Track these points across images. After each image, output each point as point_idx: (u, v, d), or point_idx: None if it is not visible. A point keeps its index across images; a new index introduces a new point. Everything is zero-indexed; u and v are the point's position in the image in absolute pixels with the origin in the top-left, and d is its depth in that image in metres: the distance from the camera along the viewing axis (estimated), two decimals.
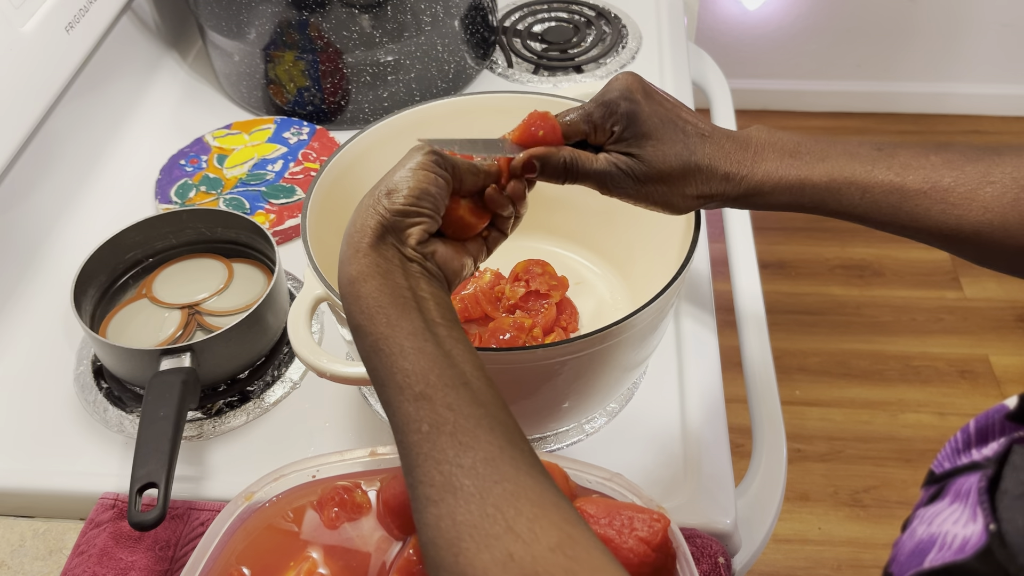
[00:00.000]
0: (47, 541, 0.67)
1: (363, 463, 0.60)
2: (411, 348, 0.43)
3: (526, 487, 0.39)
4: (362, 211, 0.48)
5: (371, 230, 0.47)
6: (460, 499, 0.38)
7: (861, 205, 0.54)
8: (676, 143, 0.56)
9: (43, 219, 0.89)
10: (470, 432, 0.40)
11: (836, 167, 0.54)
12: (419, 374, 0.42)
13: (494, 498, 0.38)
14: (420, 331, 0.44)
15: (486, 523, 0.37)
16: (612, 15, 1.17)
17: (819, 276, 2.00)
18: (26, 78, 0.81)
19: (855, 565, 1.52)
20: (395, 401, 0.42)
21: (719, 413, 0.72)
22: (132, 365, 0.70)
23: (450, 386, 0.42)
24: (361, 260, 0.46)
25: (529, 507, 0.38)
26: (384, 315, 0.44)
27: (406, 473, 0.41)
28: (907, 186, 0.53)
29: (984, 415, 0.36)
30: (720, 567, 0.62)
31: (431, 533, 0.38)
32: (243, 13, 0.95)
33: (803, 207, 0.56)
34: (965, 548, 0.32)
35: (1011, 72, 2.33)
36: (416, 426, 0.41)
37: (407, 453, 0.41)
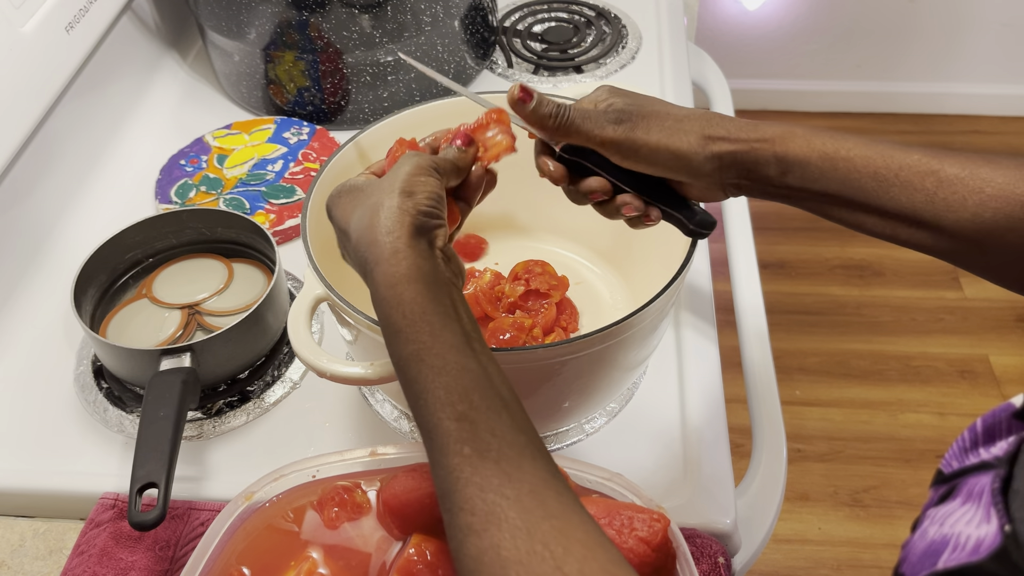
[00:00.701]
0: (47, 541, 0.67)
1: (363, 463, 0.60)
2: (455, 363, 0.42)
3: (573, 525, 0.37)
4: (386, 211, 0.47)
5: (406, 229, 0.46)
6: (506, 532, 0.37)
7: (896, 185, 0.50)
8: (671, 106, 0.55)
9: (43, 219, 0.89)
10: (514, 461, 0.39)
11: (869, 142, 0.52)
12: (462, 392, 0.41)
13: (542, 534, 0.36)
14: (462, 345, 0.43)
15: (534, 561, 0.36)
16: (612, 15, 1.17)
17: (819, 276, 2.00)
18: (26, 78, 0.81)
19: (855, 565, 1.52)
20: (434, 417, 0.41)
21: (719, 413, 0.72)
22: (132, 365, 0.70)
23: (492, 409, 0.41)
24: (402, 261, 0.45)
25: (579, 547, 0.36)
26: (428, 323, 0.43)
27: (442, 496, 0.40)
28: (945, 170, 0.50)
29: (991, 414, 0.36)
30: (720, 567, 0.62)
31: (472, 565, 0.37)
32: (243, 13, 0.95)
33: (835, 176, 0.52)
34: (980, 549, 0.32)
35: (1011, 72, 2.33)
36: (458, 447, 0.40)
37: (445, 475, 0.40)
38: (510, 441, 0.40)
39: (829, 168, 0.52)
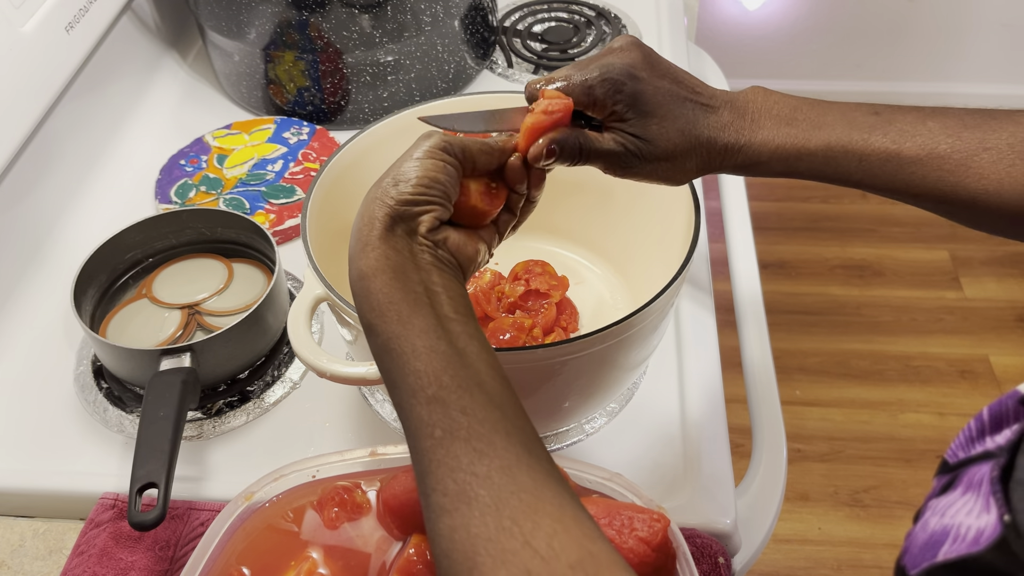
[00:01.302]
0: (47, 541, 0.67)
1: (363, 463, 0.60)
2: (423, 347, 0.41)
3: (545, 499, 0.37)
4: (369, 203, 0.46)
5: (379, 221, 0.45)
6: (475, 510, 0.37)
7: (858, 172, 0.54)
8: (679, 119, 0.55)
9: (43, 219, 0.89)
10: (485, 438, 0.39)
11: (833, 135, 0.54)
12: (432, 375, 0.41)
13: (511, 510, 0.36)
14: (433, 328, 0.42)
15: (503, 537, 0.35)
16: (612, 15, 1.17)
17: (819, 276, 2.00)
18: (26, 78, 0.81)
19: (855, 565, 1.52)
20: (407, 404, 0.41)
21: (719, 413, 0.72)
22: (132, 365, 0.70)
23: (464, 388, 0.40)
24: (370, 254, 0.44)
25: (548, 521, 0.36)
26: (395, 312, 0.43)
27: (419, 480, 0.40)
28: (903, 153, 0.52)
29: (998, 402, 0.36)
30: (720, 567, 0.62)
31: (445, 545, 0.37)
32: (243, 13, 0.95)
33: (800, 174, 0.56)
34: (980, 540, 0.31)
35: (1011, 72, 2.33)
36: (429, 431, 0.40)
37: (420, 459, 0.40)
38: (482, 418, 0.39)
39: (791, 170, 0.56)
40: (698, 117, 0.55)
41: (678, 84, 0.55)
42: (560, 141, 0.52)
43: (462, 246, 0.48)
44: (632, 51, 0.54)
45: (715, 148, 0.55)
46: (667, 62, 0.57)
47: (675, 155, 0.55)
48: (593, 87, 0.53)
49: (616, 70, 0.53)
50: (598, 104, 0.53)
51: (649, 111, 0.54)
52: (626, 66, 0.53)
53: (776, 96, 0.56)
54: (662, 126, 0.54)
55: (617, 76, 0.53)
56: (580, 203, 0.78)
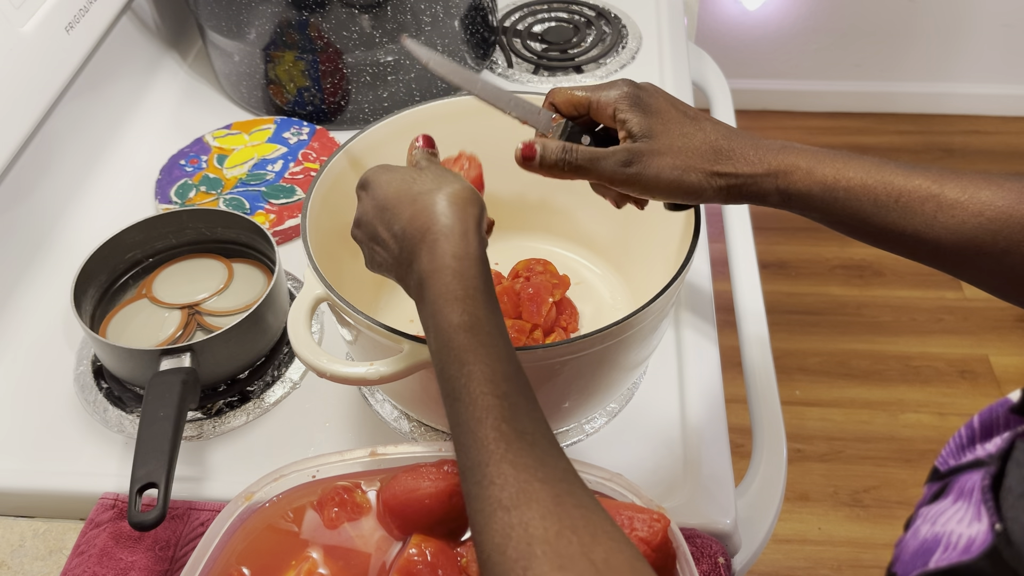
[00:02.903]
0: (47, 541, 0.67)
1: (363, 463, 0.60)
2: (503, 346, 0.43)
3: (600, 518, 0.38)
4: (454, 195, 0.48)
5: (474, 217, 0.48)
6: (536, 512, 0.37)
7: (896, 210, 0.51)
8: (687, 124, 0.55)
9: (43, 219, 0.89)
10: (547, 450, 0.40)
11: (872, 167, 0.52)
12: (506, 374, 0.42)
13: (571, 520, 0.37)
14: (507, 334, 0.44)
15: (561, 543, 0.36)
16: (612, 15, 1.17)
17: (819, 276, 2.00)
18: (26, 78, 0.81)
19: (855, 565, 1.52)
20: (477, 388, 0.42)
21: (719, 413, 0.72)
22: (132, 365, 0.70)
23: (529, 399, 0.42)
24: (472, 241, 0.47)
25: (606, 539, 0.37)
26: (484, 303, 0.45)
27: (472, 467, 0.40)
28: (945, 194, 0.50)
29: (988, 409, 0.36)
30: (720, 567, 0.62)
31: (499, 540, 0.37)
32: (243, 13, 0.95)
33: (835, 204, 0.53)
34: (971, 548, 0.31)
35: (1011, 72, 2.33)
36: (496, 423, 0.40)
37: (478, 447, 0.40)
38: (544, 432, 0.41)
39: (830, 198, 0.53)
40: (714, 127, 0.55)
41: (690, 108, 0.57)
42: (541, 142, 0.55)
43: None
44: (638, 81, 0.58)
45: (734, 155, 0.54)
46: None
47: (680, 151, 0.54)
48: (599, 89, 0.56)
49: (621, 81, 0.57)
50: (603, 102, 0.56)
51: (652, 112, 0.55)
52: (629, 81, 0.57)
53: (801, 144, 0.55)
54: (666, 125, 0.55)
55: (621, 82, 0.56)
56: (581, 203, 0.78)
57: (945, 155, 2.29)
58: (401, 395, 0.69)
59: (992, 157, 2.29)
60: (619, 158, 0.54)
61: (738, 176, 0.54)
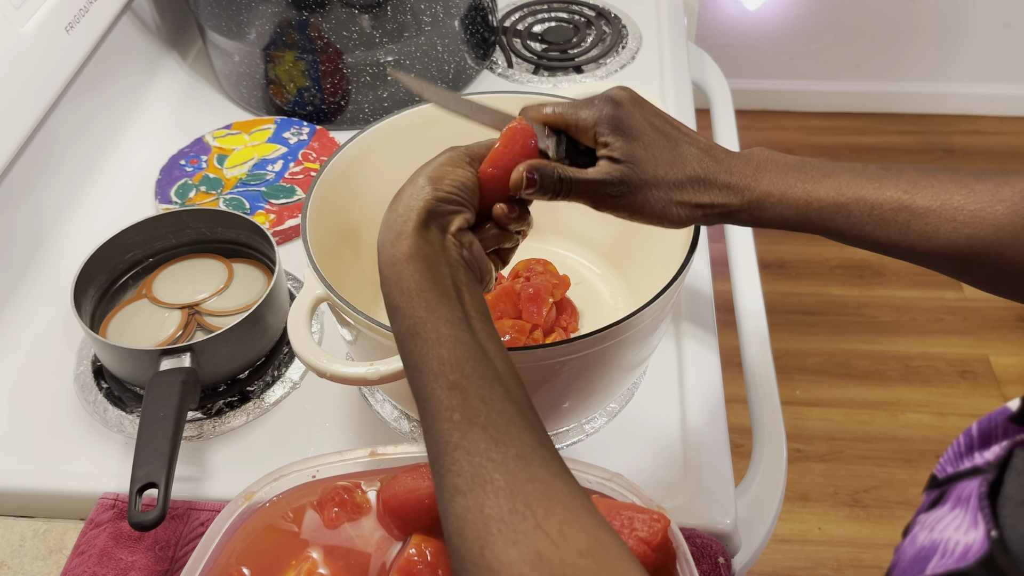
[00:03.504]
0: (47, 541, 0.67)
1: (363, 463, 0.60)
2: (448, 336, 0.43)
3: (557, 488, 0.38)
4: (404, 198, 0.48)
5: (416, 213, 0.47)
6: (490, 492, 0.38)
7: (869, 223, 0.53)
8: (667, 151, 0.55)
9: (43, 219, 0.89)
10: (503, 428, 0.40)
11: (843, 183, 0.53)
12: (454, 363, 0.42)
13: (524, 495, 0.38)
14: (458, 320, 0.44)
15: (515, 519, 0.37)
16: (612, 15, 1.17)
17: (819, 276, 2.00)
18: (26, 78, 0.81)
19: (855, 565, 1.52)
20: (428, 387, 0.42)
21: (719, 413, 0.72)
22: (132, 365, 0.70)
23: (484, 379, 0.42)
24: (404, 242, 0.46)
25: (560, 509, 0.37)
26: (424, 299, 0.44)
27: (433, 461, 0.41)
28: (916, 203, 0.51)
29: (987, 418, 0.36)
30: (720, 567, 0.62)
31: (457, 524, 0.38)
32: (243, 13, 0.95)
33: (808, 224, 0.55)
34: (967, 556, 0.31)
35: (1011, 72, 2.33)
36: (448, 414, 0.41)
37: (436, 440, 0.41)
38: (500, 409, 0.41)
39: (803, 219, 0.55)
40: (692, 154, 0.56)
41: (669, 123, 0.56)
42: (539, 169, 0.53)
43: (481, 256, 0.51)
44: (618, 90, 0.56)
45: (715, 185, 0.55)
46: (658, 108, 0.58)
47: (664, 183, 0.55)
48: (578, 109, 0.55)
49: (599, 98, 0.56)
50: (581, 126, 0.55)
51: (633, 136, 0.55)
52: (609, 96, 0.56)
53: (780, 152, 0.56)
54: (649, 151, 0.55)
55: (599, 102, 0.55)
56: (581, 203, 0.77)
57: (945, 155, 2.29)
58: (401, 395, 0.69)
59: (992, 157, 2.29)
60: (610, 190, 0.55)
61: (715, 207, 0.56)
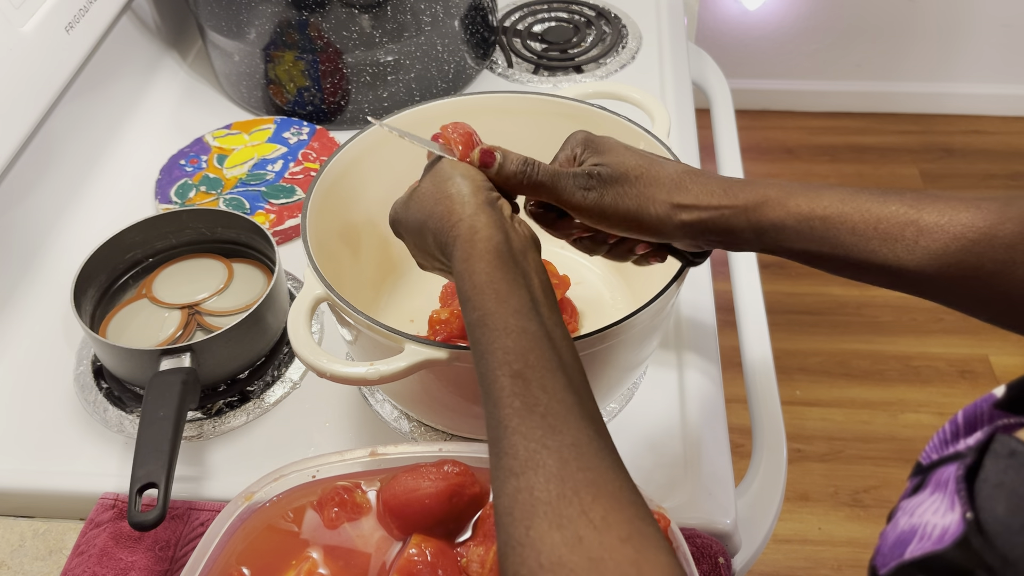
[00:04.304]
0: (47, 541, 0.67)
1: (363, 463, 0.60)
2: (515, 326, 0.45)
3: (607, 479, 0.40)
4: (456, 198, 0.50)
5: (480, 207, 0.50)
6: (540, 476, 0.39)
7: (875, 238, 0.50)
8: (645, 160, 0.55)
9: (43, 219, 0.89)
10: (561, 416, 0.42)
11: (847, 195, 0.51)
12: (519, 352, 0.44)
13: (574, 482, 0.39)
14: (527, 310, 0.46)
15: (562, 504, 0.38)
16: (612, 15, 1.17)
17: (819, 276, 1.99)
18: (26, 78, 0.81)
19: (855, 565, 1.52)
20: (492, 374, 0.44)
21: (719, 413, 0.72)
22: (132, 365, 0.70)
23: (547, 368, 0.43)
24: (476, 235, 0.48)
25: (606, 498, 0.39)
26: (494, 290, 0.46)
27: (491, 444, 0.43)
28: (924, 219, 0.49)
29: (973, 405, 0.36)
30: (720, 567, 0.62)
31: (507, 503, 0.40)
32: (243, 13, 0.95)
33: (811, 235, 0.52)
34: (944, 538, 0.32)
35: (1011, 72, 2.33)
36: (509, 400, 0.42)
37: (496, 424, 0.43)
38: (560, 399, 0.42)
39: (806, 229, 0.52)
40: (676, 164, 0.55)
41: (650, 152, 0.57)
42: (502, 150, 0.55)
43: (530, 228, 0.52)
44: None
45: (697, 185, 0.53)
46: None
47: (639, 180, 0.54)
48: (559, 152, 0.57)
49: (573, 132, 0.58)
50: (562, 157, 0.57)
51: (607, 150, 0.56)
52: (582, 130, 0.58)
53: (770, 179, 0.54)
54: (624, 159, 0.55)
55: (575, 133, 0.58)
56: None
57: (945, 155, 2.29)
58: (401, 395, 0.69)
59: (992, 157, 2.29)
60: (580, 182, 0.54)
61: (702, 208, 0.53)
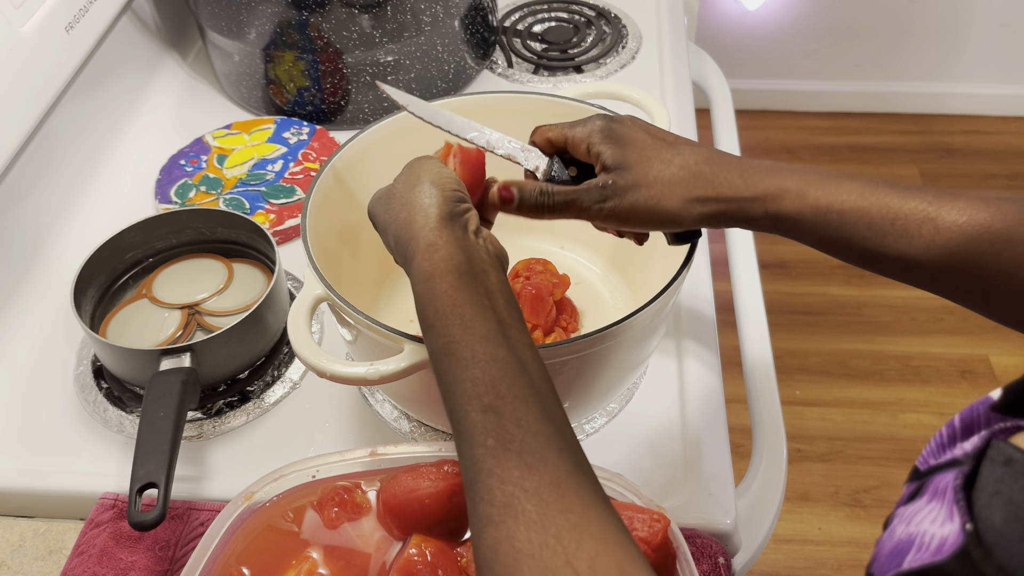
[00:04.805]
0: (47, 541, 0.67)
1: (363, 463, 0.60)
2: (483, 355, 0.42)
3: (590, 520, 0.37)
4: (418, 205, 0.48)
5: (440, 220, 0.47)
6: (521, 524, 0.37)
7: (892, 234, 0.49)
8: (663, 150, 0.53)
9: (43, 219, 0.89)
10: (538, 452, 0.39)
11: (867, 189, 0.50)
12: (489, 383, 0.41)
13: (556, 528, 0.36)
14: (493, 334, 0.43)
15: (546, 554, 0.36)
16: (612, 15, 1.17)
17: (819, 276, 2.00)
18: (26, 78, 0.81)
19: (855, 565, 1.52)
20: (462, 409, 0.41)
21: (719, 413, 0.72)
22: (132, 365, 0.70)
23: (520, 399, 0.41)
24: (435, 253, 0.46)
25: (592, 543, 0.36)
26: (458, 315, 0.43)
27: (467, 487, 0.40)
28: (943, 217, 0.48)
29: (969, 408, 0.36)
30: (720, 567, 0.62)
31: (488, 555, 0.37)
32: (243, 13, 0.95)
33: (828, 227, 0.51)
34: (943, 549, 0.31)
35: (1011, 72, 2.33)
36: (482, 439, 0.40)
37: (470, 466, 0.40)
38: (536, 431, 0.40)
39: (823, 221, 0.51)
40: (695, 152, 0.54)
41: (671, 134, 0.55)
42: (519, 185, 0.55)
43: (500, 248, 0.50)
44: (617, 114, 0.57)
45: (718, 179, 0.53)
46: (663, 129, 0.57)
47: (655, 181, 0.53)
48: (574, 126, 0.56)
49: (596, 115, 0.57)
50: (575, 140, 0.56)
51: (626, 143, 0.54)
52: (605, 113, 0.57)
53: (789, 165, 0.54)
54: (641, 154, 0.54)
55: (594, 117, 0.57)
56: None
57: (945, 155, 2.29)
58: (401, 395, 0.69)
59: (992, 157, 2.29)
60: (593, 196, 0.54)
61: (720, 200, 0.53)
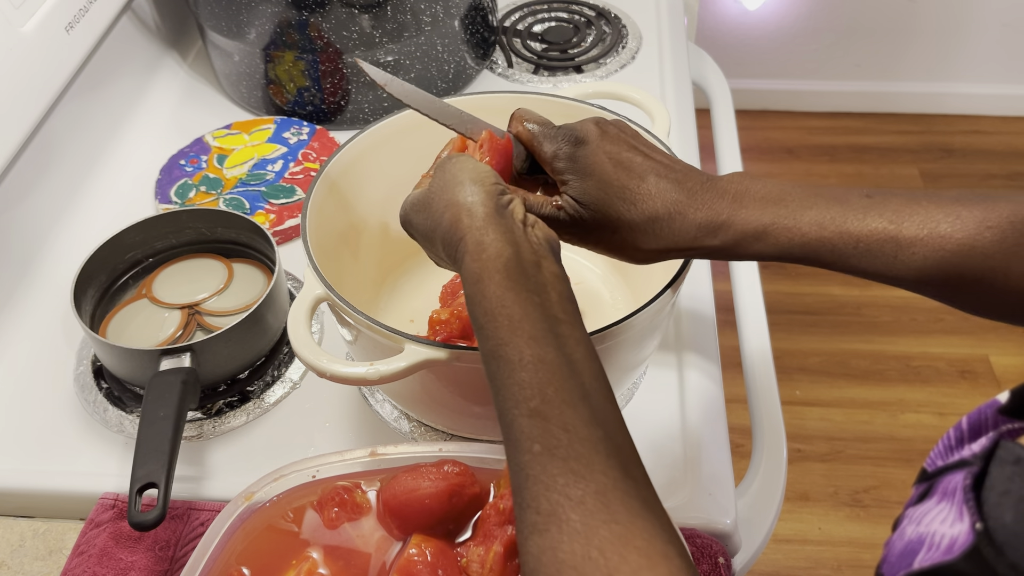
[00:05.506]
0: (47, 541, 0.67)
1: (363, 463, 0.60)
2: (531, 357, 0.41)
3: (635, 531, 0.37)
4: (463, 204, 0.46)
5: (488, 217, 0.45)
6: (565, 534, 0.36)
7: (855, 255, 0.50)
8: (627, 188, 0.53)
9: (43, 219, 0.89)
10: (584, 458, 0.38)
11: (827, 215, 0.51)
12: (536, 387, 0.40)
13: (599, 540, 0.36)
14: (542, 335, 0.42)
15: (588, 567, 0.35)
16: (612, 15, 1.17)
17: (819, 276, 2.00)
18: (26, 78, 0.81)
19: (855, 565, 1.52)
20: (509, 414, 0.41)
21: (719, 413, 0.72)
22: (132, 365, 0.70)
23: (568, 402, 0.40)
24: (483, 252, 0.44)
25: (635, 556, 0.36)
26: (506, 316, 0.42)
27: (514, 492, 0.40)
28: (903, 234, 0.49)
29: (977, 411, 0.36)
30: (720, 567, 0.62)
31: (532, 564, 0.37)
32: (243, 13, 0.95)
33: (791, 257, 0.52)
34: (953, 548, 0.31)
35: (1011, 72, 2.33)
36: (528, 445, 0.39)
37: (517, 472, 0.40)
38: (583, 437, 0.39)
39: (787, 255, 0.52)
40: (660, 189, 0.53)
41: (640, 154, 0.54)
42: None
43: (550, 232, 0.49)
44: (591, 123, 0.55)
45: (685, 224, 0.53)
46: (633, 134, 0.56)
47: (620, 224, 0.53)
48: (544, 139, 0.55)
49: (564, 131, 0.55)
50: (542, 157, 0.55)
51: (588, 174, 0.53)
52: (573, 131, 0.55)
53: (760, 179, 0.54)
54: (605, 191, 0.53)
55: (561, 138, 0.55)
56: None
57: (945, 155, 2.29)
58: (401, 395, 0.69)
59: (992, 157, 2.29)
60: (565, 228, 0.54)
61: (683, 251, 0.54)
